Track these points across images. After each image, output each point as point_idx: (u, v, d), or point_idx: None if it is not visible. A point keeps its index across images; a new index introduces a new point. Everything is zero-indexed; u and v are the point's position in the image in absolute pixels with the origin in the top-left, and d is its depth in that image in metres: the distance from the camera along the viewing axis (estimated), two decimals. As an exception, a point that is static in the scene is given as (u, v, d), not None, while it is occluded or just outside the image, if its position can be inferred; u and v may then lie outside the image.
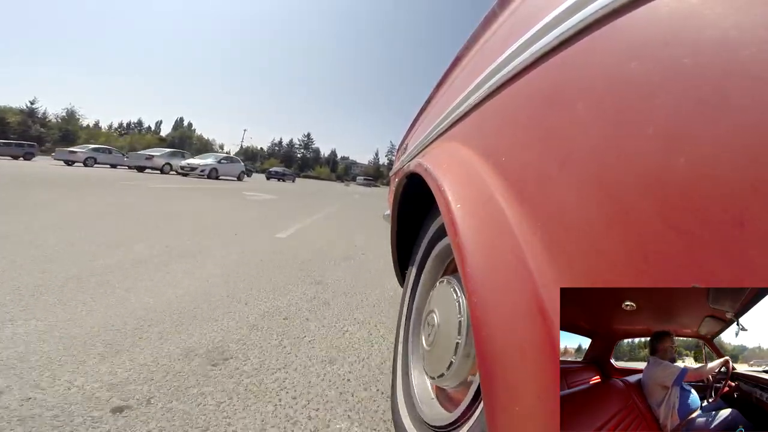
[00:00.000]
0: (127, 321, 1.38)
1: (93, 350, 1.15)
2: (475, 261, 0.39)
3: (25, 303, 1.44)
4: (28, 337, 1.19)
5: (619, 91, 0.29)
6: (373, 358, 1.33)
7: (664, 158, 0.23)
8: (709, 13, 0.23)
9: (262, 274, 2.21)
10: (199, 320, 1.47)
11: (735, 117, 0.20)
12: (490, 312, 0.35)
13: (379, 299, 2.01)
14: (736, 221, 0.19)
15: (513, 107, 0.47)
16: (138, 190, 6.55)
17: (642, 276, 0.23)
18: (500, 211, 0.40)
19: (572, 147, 0.33)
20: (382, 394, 1.10)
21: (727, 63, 0.21)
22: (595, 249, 0.27)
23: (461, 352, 0.56)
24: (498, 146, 0.50)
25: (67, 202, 4.19)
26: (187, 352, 1.21)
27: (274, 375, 1.14)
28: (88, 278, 1.78)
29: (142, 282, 1.82)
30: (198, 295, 1.74)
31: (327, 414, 0.98)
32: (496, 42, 0.59)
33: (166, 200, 5.37)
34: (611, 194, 0.27)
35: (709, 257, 0.20)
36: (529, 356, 0.29)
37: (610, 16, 0.31)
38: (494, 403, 0.31)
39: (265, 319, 1.56)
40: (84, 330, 1.28)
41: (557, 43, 0.38)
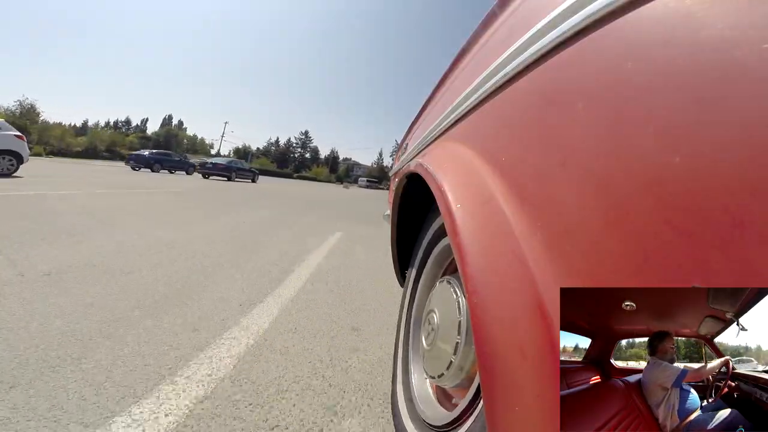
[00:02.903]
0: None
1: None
2: (475, 261, 0.39)
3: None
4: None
5: (619, 91, 0.29)
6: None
7: (664, 158, 0.23)
8: (708, 13, 0.23)
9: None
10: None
11: (735, 117, 0.20)
12: (490, 312, 0.35)
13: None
14: (736, 221, 0.19)
15: (513, 107, 0.47)
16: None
17: (642, 276, 0.23)
18: (500, 211, 0.40)
19: (572, 147, 0.33)
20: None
21: (727, 63, 0.21)
22: (595, 249, 0.27)
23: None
24: (498, 146, 0.50)
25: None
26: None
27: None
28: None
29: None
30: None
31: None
32: (496, 42, 0.59)
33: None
34: (611, 194, 0.27)
35: (709, 257, 0.20)
36: (529, 356, 0.29)
37: (610, 16, 0.31)
38: (494, 403, 0.31)
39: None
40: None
41: (557, 43, 0.38)
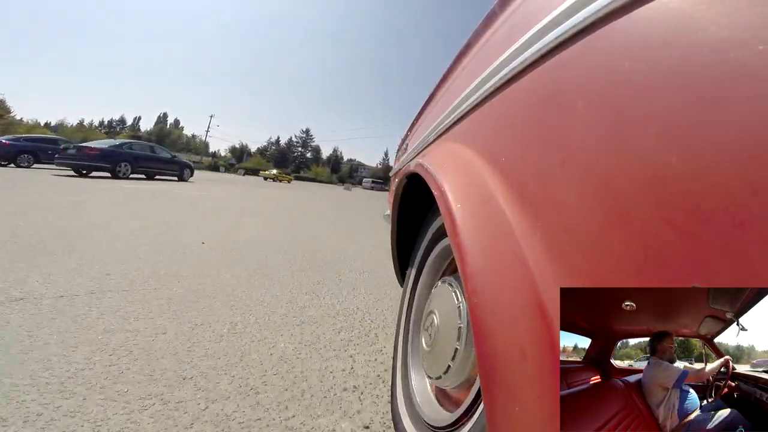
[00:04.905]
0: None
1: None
2: (475, 261, 0.39)
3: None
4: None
5: (619, 91, 0.29)
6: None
7: (664, 158, 0.23)
8: (708, 13, 0.23)
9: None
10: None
11: (735, 117, 0.20)
12: (490, 312, 0.35)
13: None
14: (736, 221, 0.19)
15: (513, 107, 0.47)
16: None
17: (642, 276, 0.23)
18: (500, 211, 0.40)
19: (572, 147, 0.33)
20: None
21: (727, 63, 0.21)
22: (595, 249, 0.27)
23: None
24: (498, 146, 0.50)
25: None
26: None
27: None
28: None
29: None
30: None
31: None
32: (496, 42, 0.59)
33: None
34: (611, 194, 0.27)
35: (709, 257, 0.20)
36: (529, 356, 0.29)
37: (610, 16, 0.31)
38: (494, 403, 0.31)
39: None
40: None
41: (557, 44, 0.38)
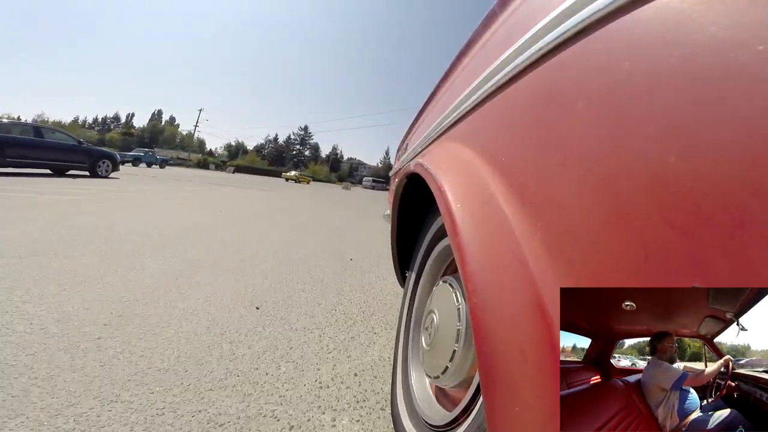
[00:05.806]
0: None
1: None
2: (475, 261, 0.39)
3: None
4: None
5: (619, 92, 0.29)
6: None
7: (664, 158, 0.23)
8: (708, 13, 0.23)
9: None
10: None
11: (735, 117, 0.20)
12: (490, 312, 0.35)
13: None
14: (736, 221, 0.19)
15: (513, 107, 0.47)
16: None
17: (642, 276, 0.23)
18: (500, 211, 0.40)
19: (572, 147, 0.33)
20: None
21: (727, 63, 0.21)
22: (595, 249, 0.27)
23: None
24: (498, 146, 0.50)
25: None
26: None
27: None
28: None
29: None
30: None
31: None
32: (496, 42, 0.59)
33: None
34: (611, 194, 0.27)
35: (709, 257, 0.20)
36: (529, 356, 0.29)
37: (610, 16, 0.31)
38: (494, 403, 0.31)
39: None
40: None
41: (557, 44, 0.38)
